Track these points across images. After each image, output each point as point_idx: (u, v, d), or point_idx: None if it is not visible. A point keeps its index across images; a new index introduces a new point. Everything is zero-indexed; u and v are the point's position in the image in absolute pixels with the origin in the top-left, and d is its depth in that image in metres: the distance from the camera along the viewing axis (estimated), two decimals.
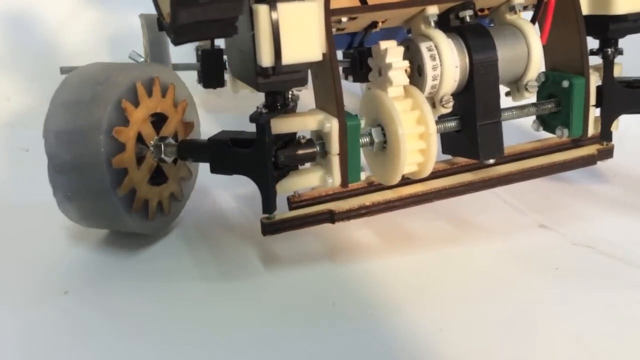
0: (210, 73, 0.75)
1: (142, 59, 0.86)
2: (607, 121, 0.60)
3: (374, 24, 0.55)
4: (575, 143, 0.64)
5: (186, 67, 0.88)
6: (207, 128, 0.65)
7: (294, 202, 0.54)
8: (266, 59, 0.44)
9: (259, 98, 0.51)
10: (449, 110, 0.53)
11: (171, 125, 0.59)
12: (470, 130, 0.54)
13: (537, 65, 0.55)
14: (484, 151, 0.54)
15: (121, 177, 0.54)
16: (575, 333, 0.46)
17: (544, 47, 0.60)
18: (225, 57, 0.69)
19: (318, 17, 0.45)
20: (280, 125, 0.50)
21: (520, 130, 0.77)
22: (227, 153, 0.50)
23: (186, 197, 0.64)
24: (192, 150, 0.55)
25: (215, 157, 0.52)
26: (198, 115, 0.65)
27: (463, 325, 0.47)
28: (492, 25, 0.59)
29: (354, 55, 0.57)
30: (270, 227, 0.52)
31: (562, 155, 0.61)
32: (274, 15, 0.43)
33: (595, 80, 0.58)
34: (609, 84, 0.59)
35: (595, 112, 0.59)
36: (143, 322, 0.49)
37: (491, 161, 0.56)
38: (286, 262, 0.57)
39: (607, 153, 0.63)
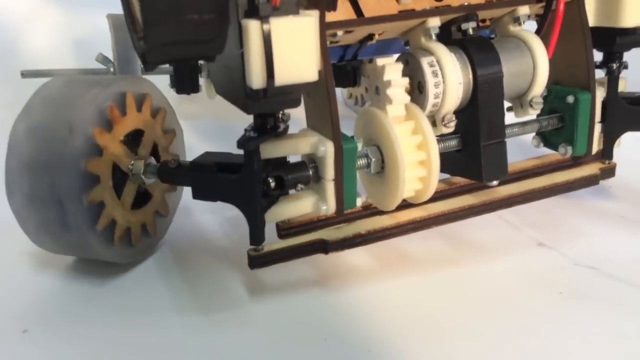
0: (184, 78, 0.70)
1: (110, 63, 0.80)
2: (610, 139, 0.57)
3: (370, 36, 0.51)
4: (575, 160, 0.61)
5: (158, 70, 0.83)
6: (186, 135, 0.61)
7: (284, 230, 0.50)
8: (257, 80, 0.39)
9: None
10: (451, 130, 0.50)
11: (149, 140, 0.54)
12: (473, 151, 0.50)
13: (543, 80, 0.51)
14: (488, 173, 0.50)
15: (98, 211, 0.49)
16: None
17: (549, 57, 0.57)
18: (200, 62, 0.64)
19: (314, 33, 0.41)
20: (270, 150, 0.45)
21: (519, 145, 0.74)
22: (211, 179, 0.46)
23: (172, 212, 0.59)
24: (173, 173, 0.50)
25: (198, 183, 0.47)
26: (179, 121, 0.60)
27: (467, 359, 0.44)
28: (493, 37, 0.55)
29: (347, 69, 0.53)
30: (258, 260, 0.48)
31: (564, 176, 0.58)
32: (267, 31, 0.38)
33: (601, 95, 0.54)
34: (613, 100, 0.56)
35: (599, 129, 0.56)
36: None
37: (495, 183, 0.52)
38: (273, 290, 0.53)
39: (609, 172, 0.60)
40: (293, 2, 0.40)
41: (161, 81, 0.77)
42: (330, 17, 0.47)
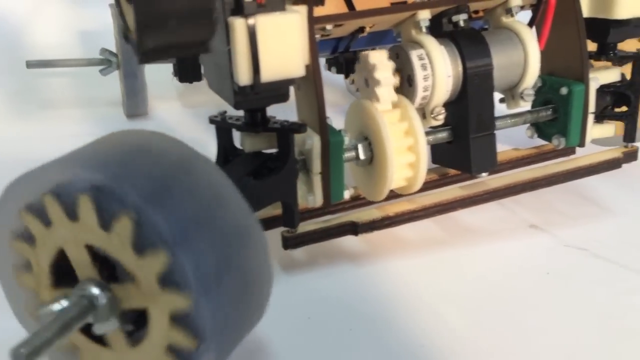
0: (186, 67, 0.71)
1: (114, 59, 0.81)
2: (633, 122, 0.57)
3: (361, 29, 0.51)
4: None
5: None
6: (187, 125, 0.61)
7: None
8: (243, 76, 0.40)
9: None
10: (440, 122, 0.50)
11: None
12: (463, 143, 0.51)
13: (534, 72, 0.51)
14: (477, 165, 0.51)
15: None
16: (568, 345, 0.43)
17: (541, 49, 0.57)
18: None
19: (301, 29, 0.41)
20: (259, 143, 0.46)
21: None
22: (254, 190, 0.44)
23: None
24: None
25: None
26: None
27: (450, 340, 0.45)
28: (486, 27, 0.55)
29: (339, 61, 0.53)
30: (292, 241, 0.48)
31: (587, 160, 0.58)
32: (252, 29, 0.39)
33: (595, 86, 0.54)
34: (638, 84, 0.56)
35: (592, 120, 0.56)
36: None
37: (484, 175, 0.52)
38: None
39: (632, 155, 0.59)
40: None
41: (164, 70, 0.78)
42: (321, 11, 0.48)
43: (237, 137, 0.48)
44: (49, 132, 0.83)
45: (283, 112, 0.49)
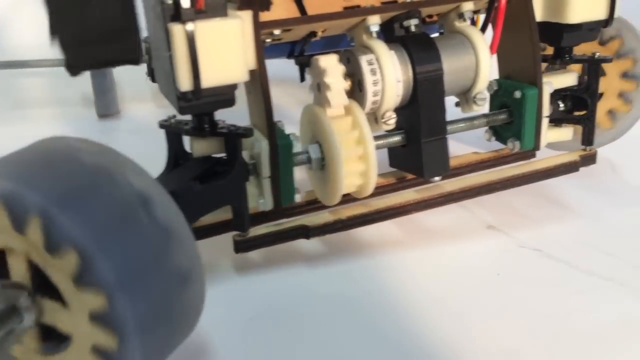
0: None
1: None
2: (589, 126, 0.58)
3: (313, 33, 0.51)
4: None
5: None
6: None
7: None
8: (184, 82, 0.40)
9: None
10: (391, 127, 0.50)
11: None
12: (415, 147, 0.51)
13: (486, 77, 0.52)
14: (429, 169, 0.51)
15: None
16: (510, 346, 0.44)
17: (498, 53, 0.57)
18: None
19: (242, 34, 0.41)
20: (209, 147, 0.46)
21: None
22: (198, 196, 0.45)
23: None
24: None
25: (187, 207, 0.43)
26: None
27: (397, 339, 0.45)
28: (442, 31, 0.56)
29: (295, 64, 0.53)
30: (243, 244, 0.49)
31: (544, 163, 0.58)
32: (191, 35, 0.39)
33: (548, 90, 0.55)
34: (593, 88, 0.57)
35: (547, 124, 0.56)
36: None
37: (437, 179, 0.53)
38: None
39: (590, 159, 0.60)
40: (220, 4, 0.41)
41: (138, 70, 0.78)
42: (271, 15, 0.48)
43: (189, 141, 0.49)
44: (20, 132, 0.83)
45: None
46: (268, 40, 0.49)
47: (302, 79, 0.53)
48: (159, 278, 0.32)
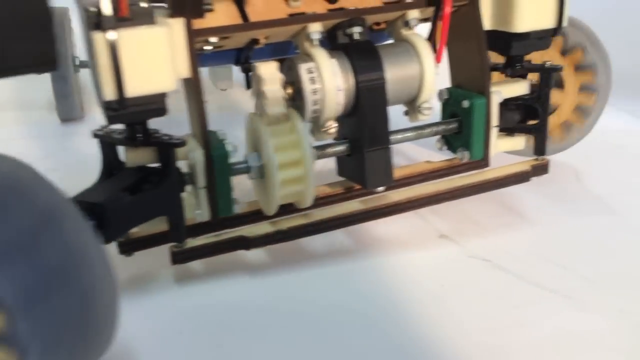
0: None
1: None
2: (541, 135, 0.57)
3: (255, 41, 0.50)
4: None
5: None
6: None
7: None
8: (108, 91, 0.39)
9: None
10: (332, 136, 0.49)
11: None
12: (358, 156, 0.50)
13: (431, 86, 0.51)
14: (371, 179, 0.50)
15: None
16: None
17: (450, 61, 0.56)
18: None
19: (170, 43, 0.41)
20: (143, 157, 0.45)
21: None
22: (129, 206, 0.44)
23: None
24: None
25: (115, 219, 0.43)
26: None
27: (331, 350, 0.44)
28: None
29: (242, 72, 0.53)
30: (180, 256, 0.48)
31: (495, 172, 0.57)
32: (112, 43, 0.38)
33: (497, 99, 0.54)
34: (544, 97, 0.56)
35: (496, 134, 0.55)
36: None
37: (381, 189, 0.52)
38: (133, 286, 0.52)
39: (542, 169, 0.59)
40: (147, 12, 0.40)
41: None
42: (210, 22, 0.47)
43: None
44: None
45: None
46: (208, 47, 0.48)
47: (248, 86, 0.53)
48: (63, 297, 0.31)
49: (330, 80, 0.47)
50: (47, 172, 0.34)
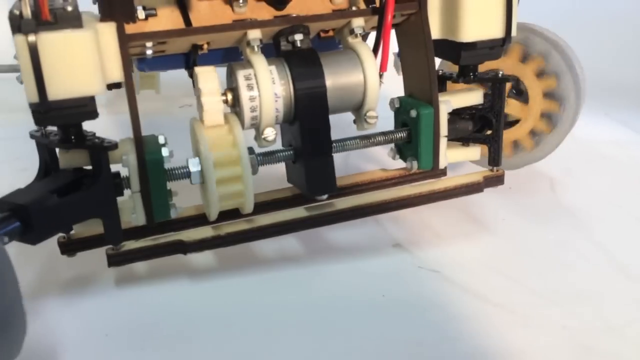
0: None
1: None
2: (495, 146, 0.56)
3: (198, 46, 0.50)
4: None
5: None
6: (108, 132, 0.60)
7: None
8: (31, 94, 0.40)
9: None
10: (271, 144, 0.49)
11: None
12: (301, 164, 0.50)
13: (374, 95, 0.50)
14: (312, 187, 0.50)
15: None
16: None
17: (403, 70, 0.56)
18: None
19: (96, 47, 0.41)
20: (72, 159, 0.46)
21: None
22: (57, 208, 0.44)
23: None
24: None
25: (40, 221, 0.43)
26: None
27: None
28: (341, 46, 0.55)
29: (189, 77, 0.53)
30: (116, 258, 0.48)
31: (445, 183, 0.57)
32: (33, 46, 0.39)
33: (446, 109, 0.53)
34: (498, 107, 0.55)
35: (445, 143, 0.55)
36: None
37: (324, 197, 0.52)
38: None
39: (497, 180, 0.58)
40: (73, 16, 0.40)
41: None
42: (151, 26, 0.48)
43: None
44: None
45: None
46: (149, 52, 0.48)
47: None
48: None
49: (267, 88, 0.47)
50: (18, 173, 0.34)
